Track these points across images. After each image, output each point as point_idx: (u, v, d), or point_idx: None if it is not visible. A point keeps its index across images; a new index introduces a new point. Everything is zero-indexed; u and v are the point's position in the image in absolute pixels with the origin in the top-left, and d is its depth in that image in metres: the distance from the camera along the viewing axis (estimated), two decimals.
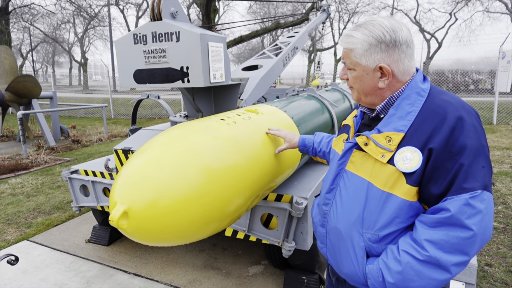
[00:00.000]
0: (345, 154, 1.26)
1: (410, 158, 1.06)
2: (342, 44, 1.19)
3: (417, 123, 1.09)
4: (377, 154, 1.13)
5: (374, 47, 1.12)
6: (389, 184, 1.09)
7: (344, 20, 33.58)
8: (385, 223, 1.11)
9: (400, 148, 1.09)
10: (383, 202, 1.11)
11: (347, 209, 1.20)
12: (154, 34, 2.47)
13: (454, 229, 1.00)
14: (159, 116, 14.44)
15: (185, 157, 1.41)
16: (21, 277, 3.06)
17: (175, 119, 3.17)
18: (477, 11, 28.00)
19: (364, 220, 1.15)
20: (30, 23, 28.17)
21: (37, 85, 8.61)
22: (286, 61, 4.59)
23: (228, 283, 2.92)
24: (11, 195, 5.19)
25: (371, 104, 1.24)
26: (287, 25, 14.57)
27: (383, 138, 1.13)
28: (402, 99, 1.15)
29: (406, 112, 1.12)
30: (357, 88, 1.22)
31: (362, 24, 1.16)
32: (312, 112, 3.15)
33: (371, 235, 1.15)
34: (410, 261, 1.05)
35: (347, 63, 1.21)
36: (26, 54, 37.25)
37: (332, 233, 1.26)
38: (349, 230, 1.19)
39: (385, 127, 1.14)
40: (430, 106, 1.10)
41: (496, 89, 10.67)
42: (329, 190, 1.29)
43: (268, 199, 2.43)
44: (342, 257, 1.23)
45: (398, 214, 1.10)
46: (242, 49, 44.68)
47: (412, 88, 1.15)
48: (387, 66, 1.13)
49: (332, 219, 1.26)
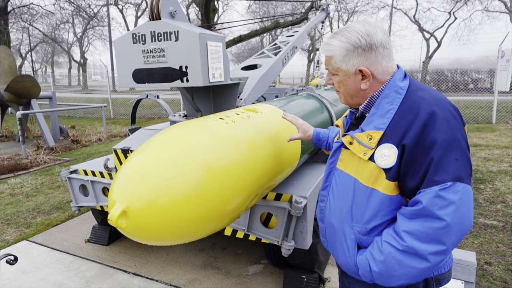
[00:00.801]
0: (334, 153, 1.33)
1: (388, 155, 1.12)
2: (323, 52, 1.27)
3: (395, 120, 1.15)
4: (360, 152, 1.20)
5: (351, 52, 1.19)
6: (372, 179, 1.16)
7: (344, 19, 33.61)
8: (370, 216, 1.18)
9: (379, 145, 1.15)
10: (368, 197, 1.18)
11: (338, 205, 1.28)
12: (153, 34, 2.47)
13: (428, 220, 1.06)
14: (159, 116, 14.43)
15: (184, 156, 1.41)
16: (20, 277, 3.05)
17: (175, 118, 3.17)
18: (476, 10, 28.13)
19: (353, 214, 1.22)
20: (29, 23, 28.16)
21: (36, 85, 8.60)
22: (286, 60, 4.59)
23: (227, 283, 2.92)
24: (11, 195, 5.19)
25: (357, 105, 1.31)
26: (286, 24, 14.56)
27: (365, 137, 1.19)
28: (382, 98, 1.21)
29: (386, 110, 1.18)
30: (342, 91, 1.30)
31: (339, 32, 1.23)
32: (311, 111, 3.15)
33: (360, 228, 1.22)
34: (392, 251, 1.11)
35: (329, 69, 1.28)
36: (25, 54, 37.23)
37: (328, 227, 1.35)
38: (341, 224, 1.27)
39: (367, 126, 1.21)
40: (407, 103, 1.16)
41: (495, 88, 10.67)
42: (324, 187, 1.37)
43: (267, 198, 2.43)
44: (337, 248, 1.32)
45: (380, 208, 1.16)
46: (241, 49, 44.67)
47: (390, 87, 1.21)
48: (366, 68, 1.19)
49: (327, 214, 1.35)
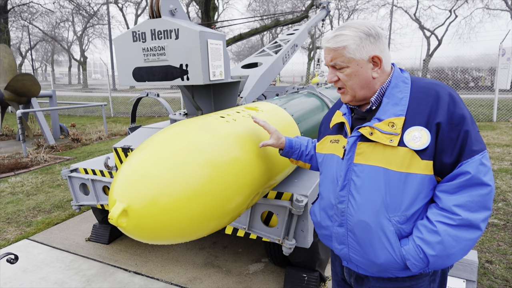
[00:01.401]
0: (350, 148, 1.29)
1: (419, 136, 1.15)
2: (332, 44, 1.25)
3: (413, 105, 1.20)
4: (385, 140, 1.19)
5: (364, 40, 1.22)
6: (405, 164, 1.16)
7: (344, 17, 33.52)
8: (410, 202, 1.17)
9: (406, 130, 1.17)
10: (403, 182, 1.17)
11: (368, 199, 1.23)
12: (153, 32, 2.46)
13: (475, 188, 1.11)
14: (159, 114, 14.43)
15: (185, 154, 1.41)
16: (21, 276, 3.05)
17: (175, 117, 3.17)
18: (477, 8, 27.99)
19: (389, 205, 1.19)
20: (29, 21, 28.11)
21: (36, 84, 8.60)
22: (286, 58, 4.58)
23: (228, 281, 2.92)
24: (11, 194, 5.18)
25: (364, 99, 1.31)
26: (286, 22, 14.54)
27: (386, 125, 1.21)
28: (391, 88, 1.26)
29: (399, 98, 1.23)
30: (351, 85, 1.28)
31: (346, 25, 1.26)
32: (312, 109, 3.15)
33: (399, 217, 1.19)
34: (446, 229, 1.12)
35: (338, 62, 1.26)
36: (25, 52, 37.20)
37: (357, 227, 1.26)
38: (376, 218, 1.21)
39: (384, 115, 1.23)
40: (419, 89, 1.23)
41: (496, 86, 10.65)
42: (342, 187, 1.30)
43: (268, 196, 2.42)
44: (375, 247, 1.23)
45: (421, 189, 1.17)
46: (241, 47, 44.61)
47: (397, 78, 1.28)
48: (379, 55, 1.24)
49: (354, 213, 1.27)
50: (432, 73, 17.41)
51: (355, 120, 1.37)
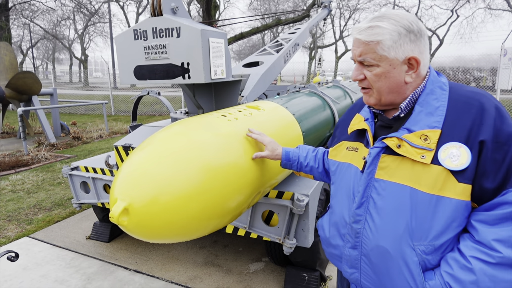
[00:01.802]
0: (372, 161, 1.12)
1: (458, 155, 0.98)
2: (364, 37, 1.07)
3: (451, 117, 1.03)
4: (416, 156, 1.02)
5: (404, 37, 1.05)
6: (438, 186, 0.99)
7: (345, 17, 33.47)
8: (440, 230, 1.01)
9: (442, 145, 1.00)
10: (434, 207, 1.00)
11: (389, 222, 1.06)
12: (154, 30, 2.45)
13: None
14: (160, 113, 14.42)
15: (186, 153, 1.40)
16: (21, 274, 3.05)
17: (176, 115, 3.16)
18: (479, 8, 27.90)
19: (414, 231, 1.03)
20: (30, 19, 28.11)
21: (37, 82, 8.60)
22: (287, 57, 4.57)
23: (228, 280, 2.92)
24: (12, 191, 5.19)
25: (390, 104, 1.14)
26: (287, 21, 14.52)
27: (418, 137, 1.04)
28: (426, 95, 1.09)
29: (434, 107, 1.06)
30: (379, 87, 1.10)
31: (384, 15, 1.07)
32: (313, 108, 3.14)
33: (425, 247, 1.02)
34: (483, 267, 0.95)
35: (368, 59, 1.09)
36: (26, 50, 37.23)
37: (374, 253, 1.10)
38: (397, 245, 1.04)
39: (416, 125, 1.06)
40: (460, 98, 1.06)
41: (498, 86, 10.63)
42: (359, 204, 1.14)
43: (269, 196, 2.41)
44: (393, 278, 1.07)
45: (455, 217, 1.00)
46: (242, 46, 44.58)
47: (433, 82, 1.10)
48: (418, 56, 1.06)
49: (371, 237, 1.10)
50: None
51: (378, 127, 1.20)
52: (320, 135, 3.11)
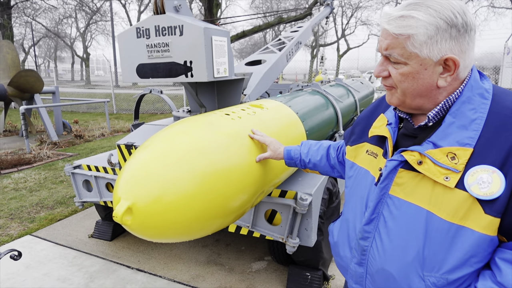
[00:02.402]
0: (387, 175, 0.99)
1: (489, 181, 0.82)
2: (393, 28, 0.89)
3: (487, 134, 0.86)
4: (438, 176, 0.88)
5: (443, 32, 0.85)
6: (460, 214, 0.85)
7: (347, 15, 33.41)
8: (456, 263, 0.87)
9: (471, 168, 0.85)
10: (452, 237, 0.86)
11: (398, 246, 0.95)
12: (157, 28, 2.44)
13: None
14: (162, 111, 14.43)
15: (190, 152, 1.39)
16: (24, 272, 3.06)
17: (178, 114, 3.15)
18: (482, 6, 27.77)
19: (426, 260, 0.90)
20: (32, 17, 28.15)
21: (39, 80, 8.60)
22: (290, 56, 4.55)
23: (231, 279, 2.92)
24: (14, 189, 5.20)
25: (418, 108, 0.97)
26: (290, 20, 14.48)
27: (444, 155, 0.88)
28: (461, 103, 0.91)
29: (470, 119, 0.88)
30: (405, 88, 0.94)
31: (424, 2, 0.87)
32: (316, 107, 3.12)
33: (436, 279, 0.89)
34: None
35: (394, 55, 0.92)
36: (28, 49, 37.30)
37: (378, 276, 1.00)
38: (405, 272, 0.94)
39: (444, 140, 0.90)
40: (502, 111, 0.87)
41: (501, 85, 10.59)
42: (368, 221, 1.03)
43: (272, 195, 2.41)
44: None
45: (475, 252, 0.85)
46: (244, 44, 44.54)
47: (472, 88, 0.91)
48: (456, 57, 0.87)
49: (377, 258, 1.00)
50: None
51: (401, 135, 1.04)
52: (323, 133, 3.10)
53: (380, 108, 1.19)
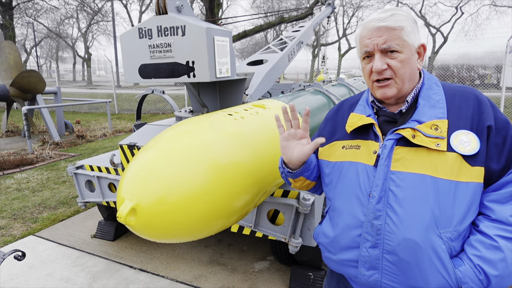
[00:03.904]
0: (388, 154, 1.12)
1: (468, 141, 1.05)
2: (391, 23, 1.09)
3: (453, 108, 1.11)
4: (431, 145, 1.06)
5: (415, 25, 1.14)
6: (455, 172, 1.04)
7: (349, 14, 33.36)
8: (463, 214, 1.04)
9: (452, 133, 1.07)
10: (454, 192, 1.03)
11: (414, 213, 1.05)
12: (159, 28, 2.44)
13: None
14: (163, 111, 14.44)
15: (193, 153, 1.39)
16: (27, 272, 3.07)
17: (181, 114, 3.15)
18: (484, 4, 27.70)
19: (439, 219, 1.04)
20: (34, 18, 28.19)
21: (41, 81, 8.62)
22: (291, 55, 4.55)
23: (233, 279, 2.92)
24: (17, 190, 5.21)
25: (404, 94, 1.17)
26: (291, 19, 14.47)
27: (429, 128, 1.08)
28: (426, 90, 1.17)
29: (435, 100, 1.14)
30: (402, 74, 1.12)
31: (393, 9, 1.15)
32: (319, 107, 3.12)
33: (451, 233, 1.04)
34: (507, 243, 1.00)
35: (393, 46, 1.10)
36: (30, 49, 37.36)
37: (401, 247, 1.06)
38: (426, 235, 1.04)
39: (424, 117, 1.11)
40: (456, 92, 1.15)
41: (503, 84, 10.53)
42: (378, 199, 1.10)
43: (274, 195, 2.41)
44: (424, 271, 1.05)
45: (473, 199, 1.05)
46: (245, 44, 44.52)
47: (429, 79, 1.20)
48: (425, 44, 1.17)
49: (396, 230, 1.07)
50: (438, 71, 17.26)
51: (382, 122, 1.21)
52: None
53: (343, 111, 1.34)
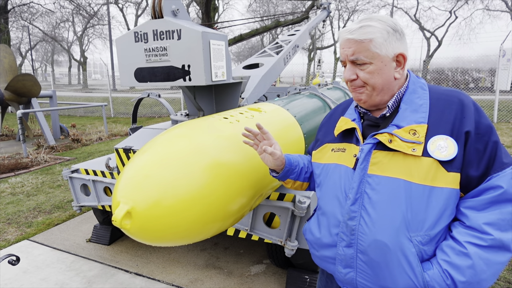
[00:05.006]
0: (365, 158, 1.15)
1: (445, 146, 1.05)
2: (358, 36, 1.11)
3: (434, 113, 1.10)
4: (407, 149, 1.08)
5: (392, 35, 1.12)
6: (430, 177, 1.04)
7: (344, 18, 33.58)
8: (434, 219, 1.05)
9: (430, 139, 1.07)
10: (427, 197, 1.04)
11: (385, 216, 1.08)
12: (155, 32, 2.45)
13: (507, 204, 1.01)
14: (159, 115, 14.41)
15: (188, 156, 1.40)
16: (22, 277, 3.04)
17: (176, 117, 3.16)
18: (477, 9, 27.97)
19: (410, 223, 1.06)
20: (29, 21, 28.12)
21: (36, 84, 8.58)
22: (287, 59, 4.57)
23: (230, 283, 2.91)
24: (11, 194, 5.17)
25: (380, 102, 1.18)
26: (287, 23, 14.54)
27: (407, 132, 1.09)
28: (410, 94, 1.16)
29: (418, 105, 1.13)
30: (373, 84, 1.14)
31: (371, 18, 1.14)
32: (314, 110, 3.14)
33: (421, 237, 1.06)
34: (478, 251, 1.00)
35: (361, 58, 1.12)
36: (25, 53, 37.20)
37: (371, 248, 1.11)
38: (396, 238, 1.07)
39: (404, 121, 1.12)
40: (440, 96, 1.14)
41: (497, 87, 10.65)
42: (354, 200, 1.15)
43: (270, 198, 2.41)
44: (393, 272, 1.08)
45: (447, 205, 1.05)
46: (241, 48, 44.64)
47: (414, 83, 1.19)
48: (404, 53, 1.14)
49: (368, 232, 1.11)
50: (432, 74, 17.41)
51: (366, 126, 1.24)
52: None
53: (336, 114, 1.39)
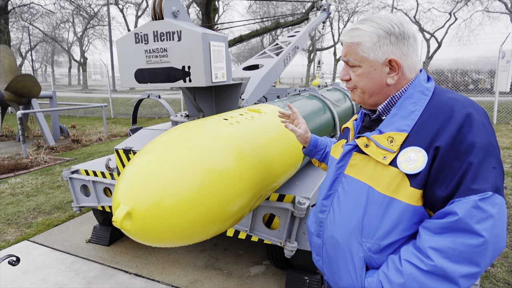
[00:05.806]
0: (344, 157, 1.17)
1: (414, 159, 0.98)
2: (346, 39, 1.11)
3: (421, 122, 1.02)
4: (378, 156, 1.05)
5: (383, 39, 1.06)
6: (392, 187, 1.01)
7: (344, 19, 33.60)
8: (386, 231, 1.02)
9: (403, 149, 1.01)
10: (385, 207, 1.02)
11: (345, 216, 1.11)
12: (155, 34, 2.46)
13: (462, 235, 0.90)
14: (159, 116, 14.42)
15: (189, 157, 1.40)
16: (21, 278, 3.04)
17: (176, 118, 3.16)
18: (477, 10, 28.05)
19: (364, 228, 1.06)
20: (29, 22, 28.15)
21: (36, 85, 8.59)
22: (287, 60, 4.58)
23: (229, 284, 2.91)
24: (11, 195, 5.17)
25: (375, 104, 1.16)
26: (287, 24, 14.55)
27: (385, 139, 1.05)
28: (405, 98, 1.09)
29: (409, 111, 1.06)
30: (362, 87, 1.13)
31: (368, 18, 1.10)
32: (314, 111, 3.15)
33: (371, 245, 1.05)
34: (413, 272, 0.95)
35: (351, 60, 1.12)
36: (26, 53, 37.20)
37: (328, 242, 1.17)
38: (347, 239, 1.09)
39: (387, 127, 1.07)
40: (436, 104, 1.04)
41: (496, 88, 10.66)
42: (326, 196, 1.20)
43: (270, 199, 2.41)
44: (340, 269, 1.13)
45: (400, 220, 1.01)
46: (241, 49, 44.69)
47: (415, 86, 1.09)
48: (398, 59, 1.07)
49: (329, 227, 1.16)
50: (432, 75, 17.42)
51: (362, 128, 1.25)
52: None
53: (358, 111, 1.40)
